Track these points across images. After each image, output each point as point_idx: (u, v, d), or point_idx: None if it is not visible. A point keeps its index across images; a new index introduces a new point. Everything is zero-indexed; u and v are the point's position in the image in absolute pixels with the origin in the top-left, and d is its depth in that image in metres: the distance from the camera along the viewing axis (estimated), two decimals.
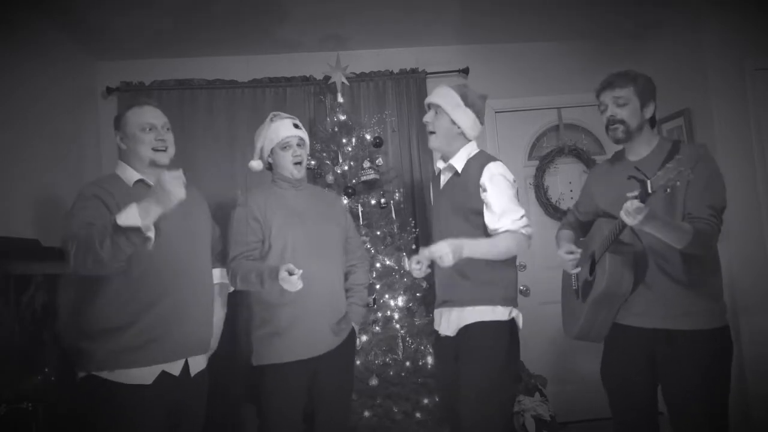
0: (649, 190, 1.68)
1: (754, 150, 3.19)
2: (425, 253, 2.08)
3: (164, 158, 2.04)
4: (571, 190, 3.89)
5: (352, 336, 2.44)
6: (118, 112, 2.11)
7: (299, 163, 2.39)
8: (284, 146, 2.36)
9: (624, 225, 1.79)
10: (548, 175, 3.89)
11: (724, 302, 2.00)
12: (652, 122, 2.10)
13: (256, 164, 2.40)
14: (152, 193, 1.68)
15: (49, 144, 2.96)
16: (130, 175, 2.01)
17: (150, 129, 2.02)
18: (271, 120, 2.41)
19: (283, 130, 2.37)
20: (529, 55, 3.89)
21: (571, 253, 2.15)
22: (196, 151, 3.54)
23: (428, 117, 2.34)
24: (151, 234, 1.68)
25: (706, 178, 1.90)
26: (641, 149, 2.07)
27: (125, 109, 2.08)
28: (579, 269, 2.14)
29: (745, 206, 3.13)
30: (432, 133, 2.34)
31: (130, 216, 1.64)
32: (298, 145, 2.39)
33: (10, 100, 2.66)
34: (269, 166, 2.44)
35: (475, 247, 2.12)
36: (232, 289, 2.30)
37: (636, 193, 1.71)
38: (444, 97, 2.31)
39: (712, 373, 1.90)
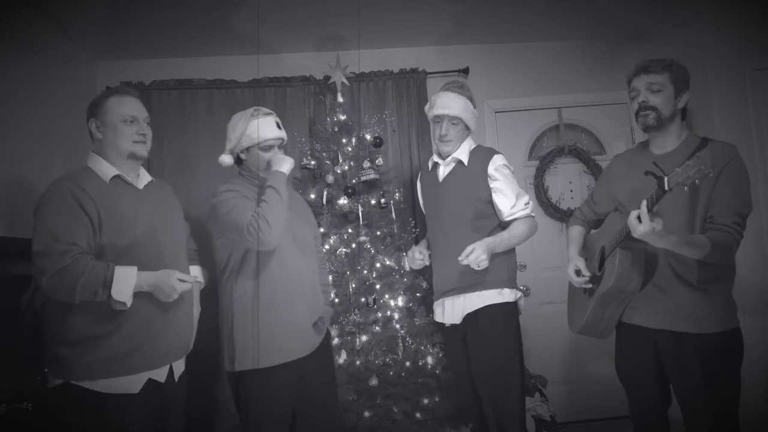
0: (666, 188, 1.63)
1: (755, 150, 3.19)
2: (462, 261, 2.19)
3: (143, 150, 1.98)
4: (571, 190, 3.89)
5: (328, 335, 2.42)
6: (96, 98, 1.99)
7: None
8: (265, 148, 2.23)
9: None
10: (548, 175, 3.89)
11: (735, 303, 1.97)
12: (683, 114, 2.02)
13: (227, 159, 2.27)
14: (156, 284, 1.79)
15: (49, 144, 2.96)
16: (107, 169, 1.93)
17: (132, 121, 1.95)
18: (252, 115, 2.23)
19: (265, 130, 2.20)
20: (529, 55, 3.89)
21: (579, 273, 2.12)
22: (196, 151, 3.54)
23: (445, 130, 2.43)
24: (129, 303, 1.77)
25: (735, 182, 1.84)
26: (668, 142, 2.01)
27: (104, 96, 1.98)
28: (590, 286, 2.12)
29: None
30: (449, 141, 2.44)
31: (123, 293, 1.74)
32: (279, 147, 2.28)
33: (10, 101, 2.66)
34: (238, 160, 2.31)
35: (501, 242, 2.30)
36: (203, 286, 2.24)
37: (646, 201, 1.67)
38: (464, 109, 2.41)
39: (719, 375, 1.88)
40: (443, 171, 2.51)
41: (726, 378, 1.89)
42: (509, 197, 2.35)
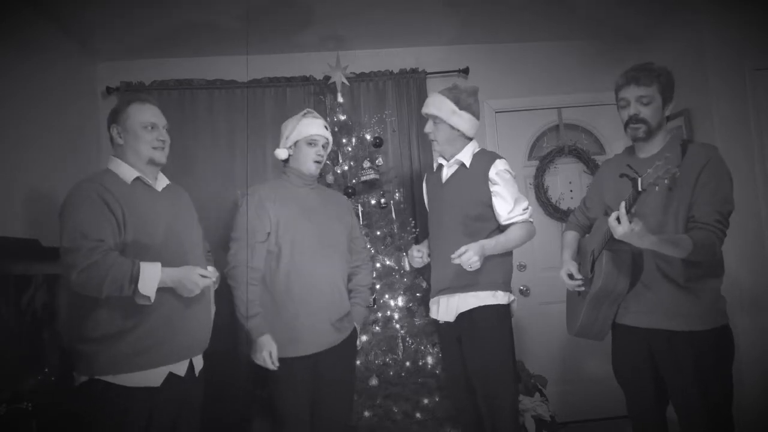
0: (640, 188, 1.69)
1: (754, 150, 3.19)
2: (455, 260, 2.23)
3: (162, 157, 2.06)
4: (571, 191, 3.89)
5: (353, 334, 2.49)
6: (117, 105, 2.09)
7: (319, 162, 2.47)
8: (311, 142, 2.43)
9: None
10: (548, 175, 3.89)
11: (724, 299, 1.99)
12: (666, 118, 2.06)
13: (282, 152, 2.48)
14: (179, 280, 1.85)
15: (50, 144, 2.96)
16: (128, 172, 1.99)
17: (152, 128, 2.03)
18: (304, 115, 2.49)
19: (313, 127, 2.45)
20: (529, 55, 3.89)
21: (571, 277, 2.16)
22: (196, 151, 3.54)
23: (428, 128, 2.53)
24: (153, 298, 1.82)
25: (715, 181, 1.87)
26: (652, 146, 2.04)
27: (125, 103, 2.05)
28: (583, 288, 2.14)
29: (745, 206, 3.12)
30: (433, 140, 2.53)
31: (148, 287, 1.78)
32: (323, 145, 2.48)
33: (10, 101, 2.66)
34: (286, 158, 2.49)
35: (497, 245, 2.35)
36: (216, 286, 2.27)
37: (624, 203, 1.73)
38: (439, 107, 2.47)
39: (711, 372, 1.90)
40: (446, 172, 2.55)
41: (718, 375, 1.91)
42: (508, 202, 2.38)
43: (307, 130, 2.43)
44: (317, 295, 2.33)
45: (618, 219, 1.73)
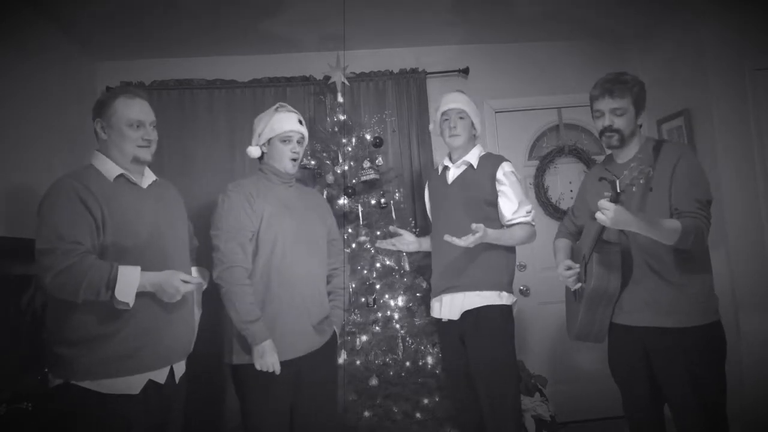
0: (618, 190, 1.78)
1: (754, 150, 3.19)
2: (467, 240, 2.26)
3: (147, 155, 1.97)
4: (571, 190, 3.88)
5: (334, 337, 2.42)
6: (104, 97, 1.98)
7: (295, 160, 2.36)
8: (284, 139, 2.32)
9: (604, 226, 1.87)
10: (548, 175, 3.90)
11: (716, 297, 2.03)
12: (639, 126, 2.16)
13: (254, 150, 2.37)
14: (159, 285, 1.78)
15: (49, 145, 2.96)
16: (111, 169, 1.91)
17: (138, 126, 1.94)
18: (276, 110, 2.37)
19: (287, 123, 2.33)
20: (529, 55, 3.89)
21: (569, 269, 2.17)
22: (196, 151, 3.54)
23: (453, 122, 2.58)
24: (132, 303, 1.75)
25: (689, 174, 1.96)
26: (628, 151, 2.13)
27: (112, 96, 1.95)
28: (580, 285, 2.15)
29: (745, 206, 3.13)
30: (457, 135, 2.56)
31: (129, 294, 1.72)
32: (298, 141, 2.36)
33: (10, 101, 2.66)
34: (261, 155, 2.39)
35: (501, 236, 2.40)
36: (204, 287, 2.24)
37: (608, 194, 1.81)
38: (468, 104, 2.59)
39: (703, 369, 1.93)
40: (453, 173, 2.60)
41: (711, 372, 1.95)
42: (513, 202, 2.44)
43: (281, 126, 2.30)
44: (297, 296, 2.24)
45: (603, 212, 1.79)
